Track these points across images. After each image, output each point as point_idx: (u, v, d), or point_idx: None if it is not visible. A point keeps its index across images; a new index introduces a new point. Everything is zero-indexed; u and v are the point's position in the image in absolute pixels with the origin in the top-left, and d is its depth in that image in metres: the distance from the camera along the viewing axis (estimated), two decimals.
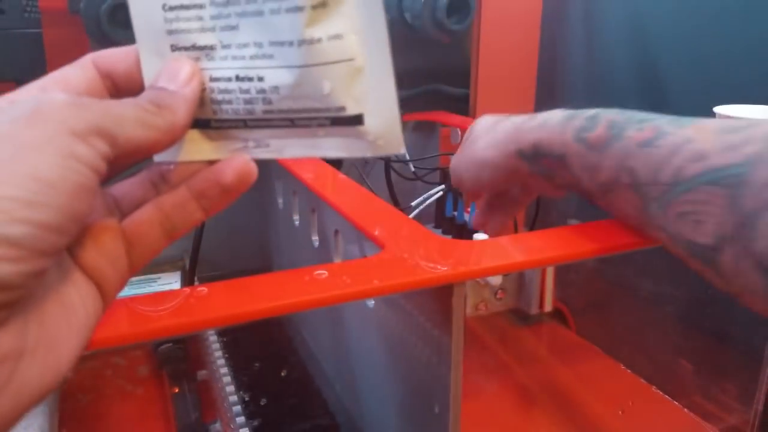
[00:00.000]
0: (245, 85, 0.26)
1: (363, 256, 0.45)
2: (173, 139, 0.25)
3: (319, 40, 0.24)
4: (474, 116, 0.87)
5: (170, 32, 0.26)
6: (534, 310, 0.64)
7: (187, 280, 0.67)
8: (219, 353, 0.64)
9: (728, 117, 0.46)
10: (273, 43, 0.25)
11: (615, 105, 0.38)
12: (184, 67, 0.26)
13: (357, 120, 0.25)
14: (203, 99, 0.26)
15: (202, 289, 0.30)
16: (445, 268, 0.34)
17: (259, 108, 0.26)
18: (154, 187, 0.27)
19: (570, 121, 0.38)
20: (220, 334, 0.70)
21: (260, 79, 0.25)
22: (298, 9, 0.23)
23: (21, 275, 0.19)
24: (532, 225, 0.77)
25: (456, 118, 0.85)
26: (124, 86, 0.27)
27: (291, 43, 0.24)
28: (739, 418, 0.59)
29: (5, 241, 0.18)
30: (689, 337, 0.64)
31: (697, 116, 0.35)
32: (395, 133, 0.25)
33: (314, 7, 0.23)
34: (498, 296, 0.62)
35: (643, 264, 0.68)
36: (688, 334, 0.64)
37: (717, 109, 0.47)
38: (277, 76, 0.25)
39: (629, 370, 0.68)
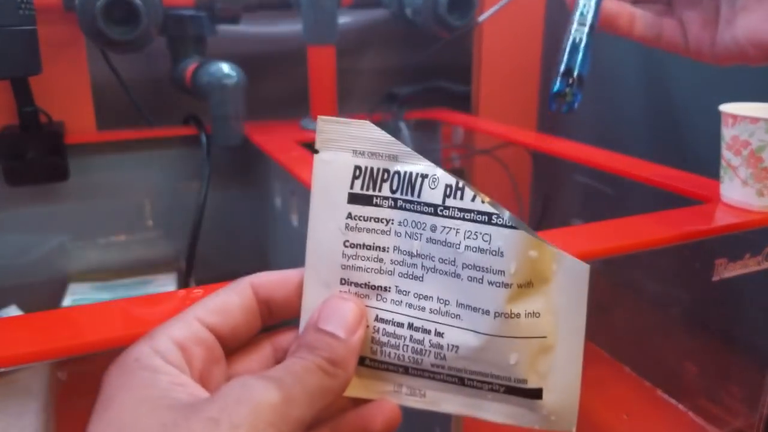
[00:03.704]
0: (419, 335, 0.25)
1: None
2: (341, 394, 0.24)
3: (517, 315, 0.24)
4: (476, 114, 0.86)
5: (345, 267, 0.25)
6: None
7: (183, 282, 0.67)
8: None
9: (734, 115, 0.46)
10: (463, 306, 0.24)
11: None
12: (353, 310, 0.25)
13: (535, 394, 0.25)
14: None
15: (198, 291, 0.29)
16: None
17: (428, 360, 0.25)
18: None
19: None
20: None
21: (439, 334, 0.25)
22: (505, 285, 0.23)
23: None
24: (536, 225, 0.76)
25: (458, 117, 0.84)
26: (278, 312, 0.26)
27: (487, 312, 0.24)
28: (744, 421, 0.58)
29: None
30: (694, 340, 0.63)
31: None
32: (571, 411, 0.25)
33: (520, 286, 0.23)
34: None
35: (647, 265, 0.67)
36: (693, 336, 0.63)
37: (722, 108, 0.48)
38: (459, 337, 0.24)
39: (634, 373, 0.67)
